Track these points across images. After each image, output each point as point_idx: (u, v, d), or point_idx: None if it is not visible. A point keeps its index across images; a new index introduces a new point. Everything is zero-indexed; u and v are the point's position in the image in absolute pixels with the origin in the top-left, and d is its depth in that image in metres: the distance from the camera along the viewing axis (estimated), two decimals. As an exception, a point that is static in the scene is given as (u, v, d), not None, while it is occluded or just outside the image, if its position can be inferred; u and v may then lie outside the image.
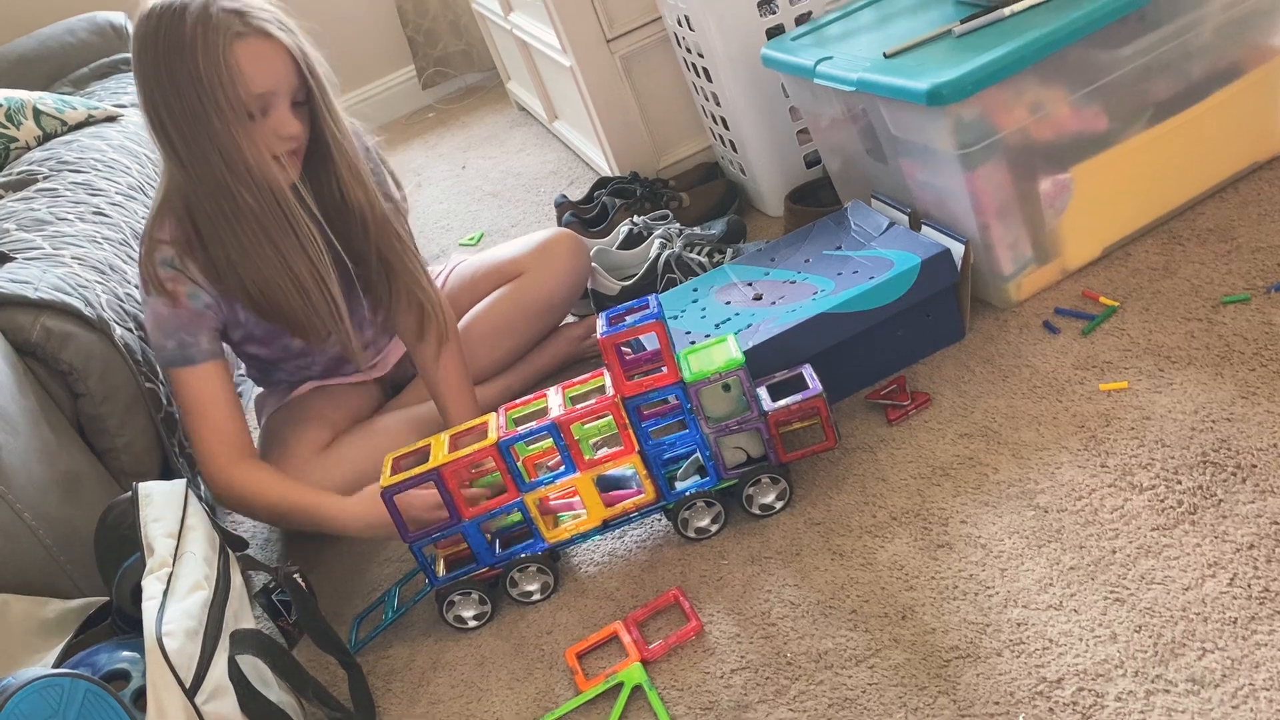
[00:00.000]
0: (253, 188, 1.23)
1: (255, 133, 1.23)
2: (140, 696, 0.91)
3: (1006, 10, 1.31)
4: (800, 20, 1.74)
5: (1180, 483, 1.05)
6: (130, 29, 2.86)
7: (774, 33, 1.73)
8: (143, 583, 0.98)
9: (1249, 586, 0.93)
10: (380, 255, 1.39)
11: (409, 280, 1.42)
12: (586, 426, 1.33)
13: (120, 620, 1.05)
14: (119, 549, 1.07)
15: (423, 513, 1.23)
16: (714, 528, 1.24)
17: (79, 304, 1.37)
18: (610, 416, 1.21)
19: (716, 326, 1.40)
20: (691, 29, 1.78)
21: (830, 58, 1.44)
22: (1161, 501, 1.04)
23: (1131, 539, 1.02)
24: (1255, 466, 1.03)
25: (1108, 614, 0.96)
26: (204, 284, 1.33)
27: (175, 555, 1.02)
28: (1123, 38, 1.29)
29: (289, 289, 1.31)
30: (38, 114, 2.18)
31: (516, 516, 1.29)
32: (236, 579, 1.09)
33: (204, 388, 1.34)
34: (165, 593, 0.96)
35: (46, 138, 2.18)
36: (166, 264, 1.32)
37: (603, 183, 2.07)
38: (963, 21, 1.35)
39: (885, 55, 1.36)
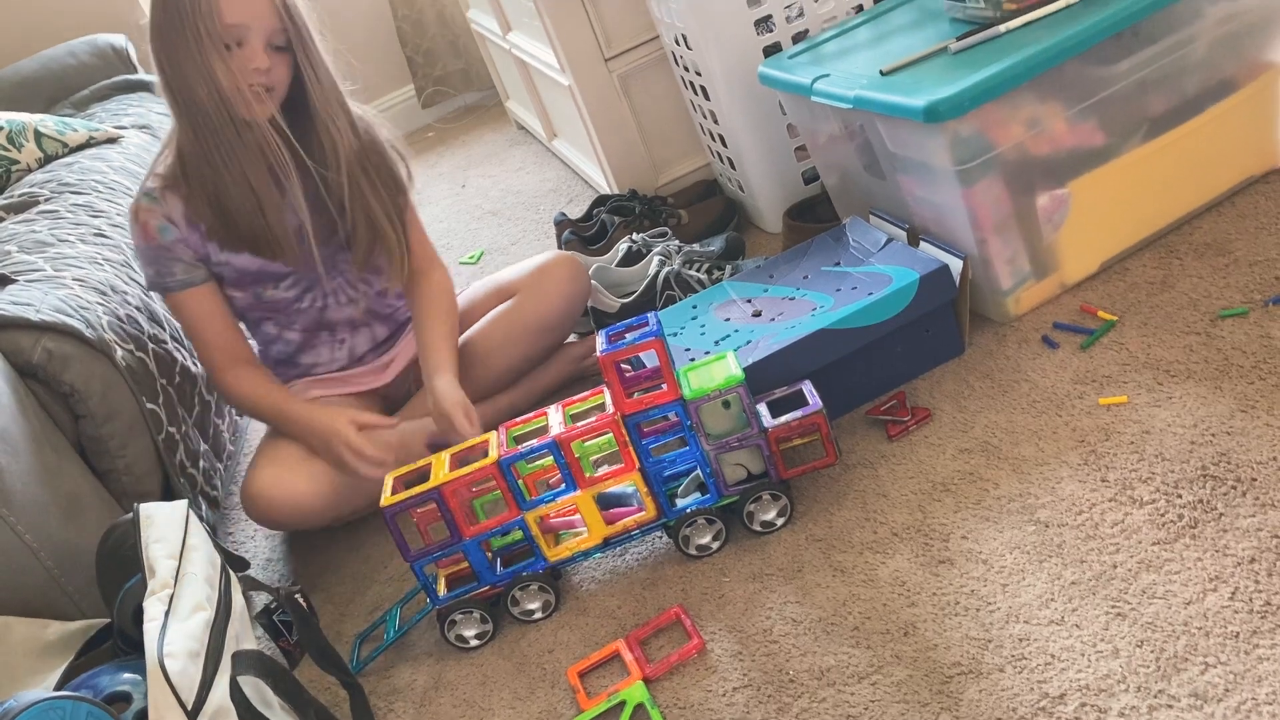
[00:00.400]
0: (223, 112, 1.36)
1: (231, 62, 1.34)
2: (142, 718, 0.91)
3: (1002, 27, 1.32)
4: (797, 38, 1.75)
5: (1180, 497, 1.05)
6: (131, 51, 2.88)
7: (771, 51, 1.74)
8: (144, 604, 0.98)
9: (1250, 600, 0.93)
10: (355, 199, 1.48)
11: (380, 224, 1.52)
12: (587, 444, 1.33)
13: (122, 642, 1.05)
14: (120, 570, 1.07)
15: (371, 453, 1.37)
16: (715, 545, 1.24)
17: (80, 325, 1.37)
18: (610, 434, 1.21)
19: (716, 343, 1.41)
20: (689, 47, 1.80)
21: (827, 75, 1.45)
22: (1162, 516, 1.04)
23: (1132, 553, 1.02)
24: (1255, 480, 1.03)
25: (1109, 629, 0.95)
26: (178, 219, 1.43)
27: (177, 576, 1.02)
28: (1118, 53, 1.30)
29: (253, 210, 1.41)
30: (39, 136, 2.19)
31: (518, 535, 1.29)
32: (238, 599, 1.09)
33: (189, 310, 1.49)
34: (167, 614, 0.96)
35: (48, 160, 2.18)
36: (146, 195, 1.44)
37: (602, 200, 2.07)
38: (959, 38, 1.35)
39: (882, 72, 1.37)
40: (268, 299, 1.53)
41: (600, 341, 1.19)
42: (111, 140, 2.26)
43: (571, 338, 1.77)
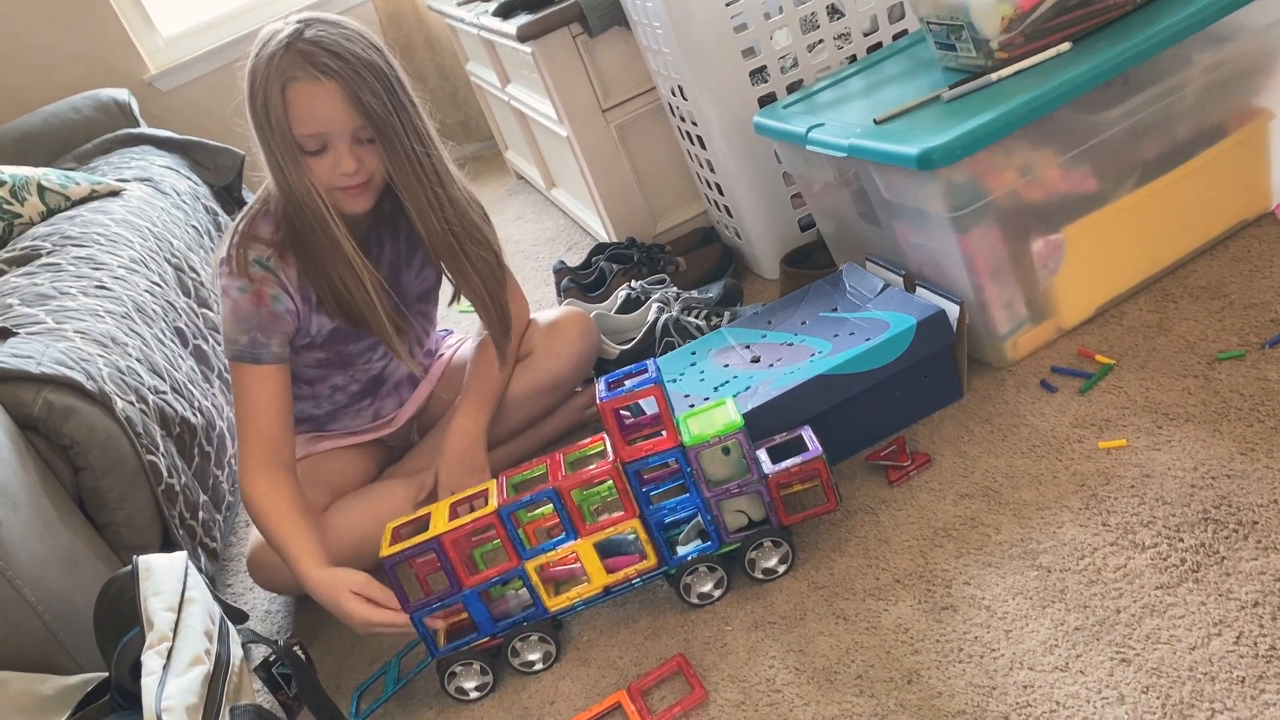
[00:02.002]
0: (304, 209, 1.35)
1: (313, 166, 1.33)
2: (139, 775, 0.90)
3: (994, 76, 1.34)
4: (792, 88, 1.77)
5: (1182, 540, 1.05)
6: (134, 106, 2.91)
7: (766, 101, 1.76)
8: (142, 658, 0.97)
9: (1255, 644, 0.92)
10: (461, 273, 1.48)
11: (487, 296, 1.51)
12: (587, 492, 1.32)
13: (119, 696, 1.04)
14: (119, 623, 1.06)
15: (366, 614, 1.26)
16: (717, 593, 1.23)
17: (81, 378, 1.37)
18: (610, 481, 1.21)
19: (715, 389, 1.41)
20: (685, 98, 1.82)
21: (822, 124, 1.46)
22: (1164, 560, 1.04)
23: (1135, 598, 1.01)
24: (1257, 523, 1.03)
25: (1114, 675, 0.95)
26: (292, 289, 1.41)
27: (175, 629, 1.01)
28: (1109, 101, 1.32)
29: (354, 284, 1.40)
30: (42, 190, 2.21)
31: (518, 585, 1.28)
32: (236, 652, 1.08)
33: (262, 388, 1.41)
34: (165, 667, 0.95)
35: (50, 213, 2.20)
36: (260, 263, 1.39)
37: (600, 248, 2.09)
38: (951, 87, 1.37)
39: (875, 121, 1.39)
40: (345, 353, 1.53)
41: (600, 388, 1.20)
42: (114, 193, 2.28)
43: (573, 387, 1.78)
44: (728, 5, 1.68)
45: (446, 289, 1.60)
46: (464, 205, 1.45)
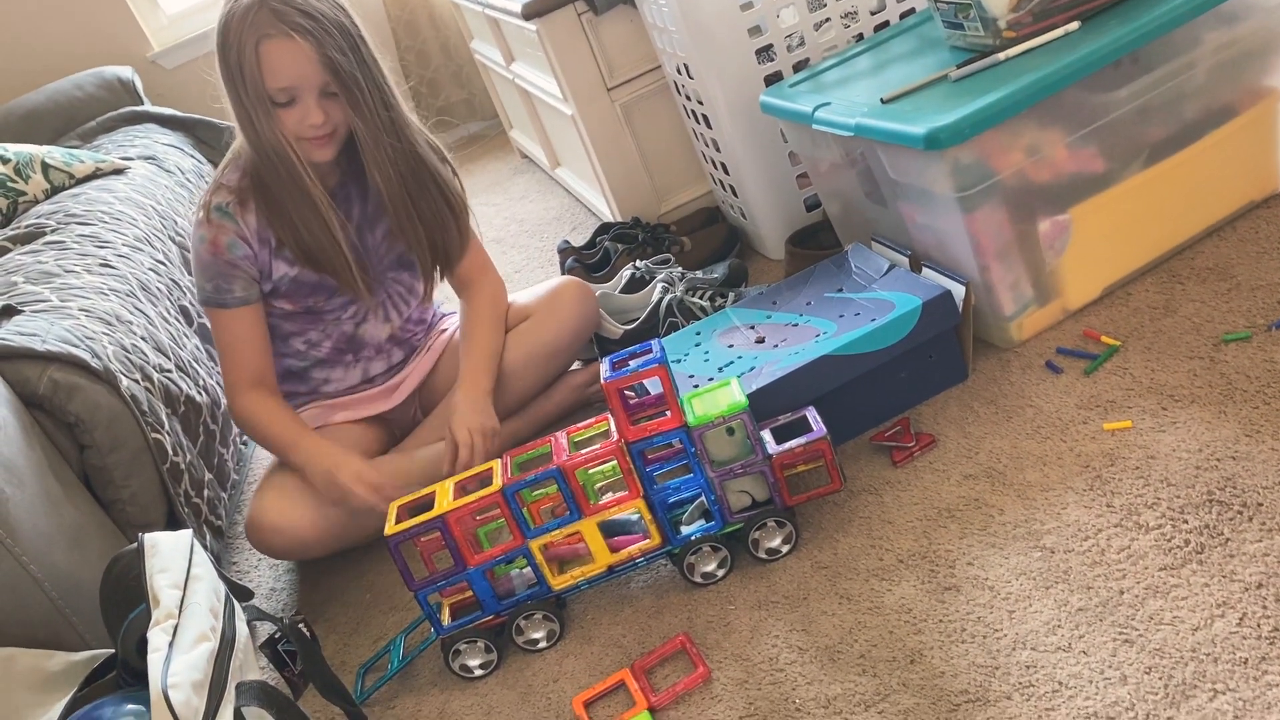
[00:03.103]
0: (273, 159, 1.41)
1: (282, 117, 1.39)
2: (145, 750, 0.90)
3: (1002, 55, 1.33)
4: (798, 67, 1.76)
5: (1186, 522, 1.05)
6: (137, 84, 2.91)
7: (772, 80, 1.75)
8: (148, 635, 0.97)
9: (1259, 626, 0.92)
10: (410, 220, 1.52)
11: (445, 243, 1.57)
12: (591, 471, 1.33)
13: (126, 673, 1.05)
14: (124, 601, 1.07)
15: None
16: (720, 572, 1.24)
17: (86, 355, 1.38)
18: (615, 461, 1.21)
19: (720, 370, 1.41)
20: (691, 77, 1.81)
21: (828, 104, 1.46)
22: (1168, 541, 1.04)
23: (1139, 579, 1.01)
24: (1261, 505, 1.03)
25: (1117, 655, 0.95)
26: (249, 233, 1.46)
27: (180, 606, 1.01)
28: (1118, 80, 1.31)
29: (320, 229, 1.45)
30: (46, 168, 2.21)
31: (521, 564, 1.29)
32: (242, 629, 1.09)
33: (233, 329, 1.50)
34: (170, 645, 0.96)
35: (54, 191, 2.20)
36: (219, 210, 1.46)
37: (605, 228, 2.08)
38: (959, 66, 1.36)
39: (882, 100, 1.38)
40: (315, 308, 1.55)
41: (604, 368, 1.20)
42: (118, 171, 2.28)
43: (574, 365, 1.78)
44: (734, -17, 1.67)
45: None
46: (422, 156, 1.51)
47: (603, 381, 1.17)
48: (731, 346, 1.46)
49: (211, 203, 1.46)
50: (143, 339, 1.57)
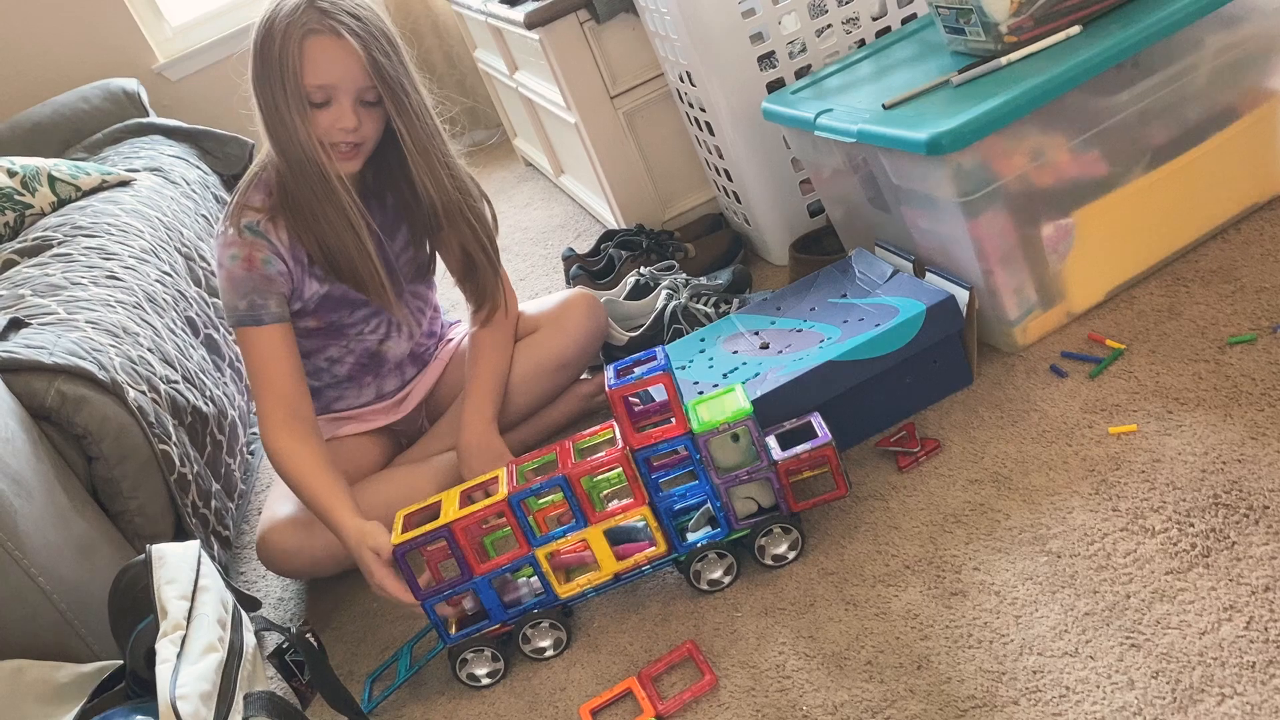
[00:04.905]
0: (303, 163, 1.38)
1: (316, 119, 1.37)
2: (154, 761, 0.90)
3: (1003, 60, 1.33)
4: (800, 74, 1.76)
5: (1193, 525, 1.04)
6: (143, 95, 2.92)
7: (774, 86, 1.75)
8: (156, 646, 0.98)
9: (1266, 630, 0.92)
10: (461, 245, 1.54)
11: (480, 265, 1.57)
12: (597, 479, 1.33)
13: (134, 684, 1.05)
14: (133, 612, 1.07)
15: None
16: (726, 579, 1.24)
17: (93, 368, 1.38)
18: (620, 469, 1.21)
19: (724, 376, 1.41)
20: (693, 84, 1.81)
21: (830, 110, 1.46)
22: (1174, 545, 1.03)
23: (1145, 583, 1.01)
24: (1268, 508, 1.03)
25: (1124, 660, 0.95)
26: (283, 250, 1.43)
27: (188, 617, 1.02)
28: (1119, 84, 1.31)
29: (350, 245, 1.43)
30: (52, 180, 2.22)
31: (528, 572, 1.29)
32: (249, 640, 1.09)
33: (268, 347, 1.44)
34: (179, 655, 0.96)
35: (61, 204, 2.21)
36: (250, 228, 1.43)
37: (609, 235, 2.09)
38: (960, 71, 1.36)
39: (884, 106, 1.38)
40: (339, 323, 1.55)
41: (609, 376, 1.20)
42: (124, 183, 2.28)
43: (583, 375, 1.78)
44: (735, -10, 1.68)
45: (446, 289, 1.62)
46: (462, 173, 1.51)
47: (607, 388, 1.18)
48: (736, 353, 1.46)
49: (241, 222, 1.43)
50: (149, 350, 1.58)
